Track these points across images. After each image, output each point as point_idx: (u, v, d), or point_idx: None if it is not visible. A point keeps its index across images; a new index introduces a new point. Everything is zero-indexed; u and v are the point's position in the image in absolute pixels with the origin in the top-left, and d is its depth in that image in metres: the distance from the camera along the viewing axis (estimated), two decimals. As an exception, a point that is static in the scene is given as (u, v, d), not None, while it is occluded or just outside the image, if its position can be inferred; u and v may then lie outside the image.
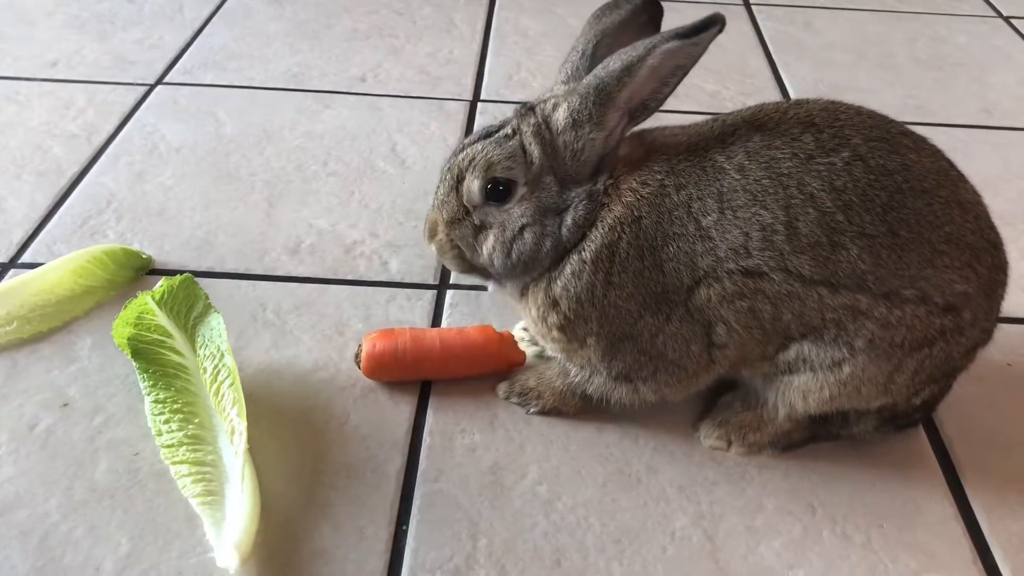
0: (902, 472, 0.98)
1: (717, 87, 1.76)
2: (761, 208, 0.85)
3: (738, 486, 0.96)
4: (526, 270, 0.93)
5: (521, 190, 0.90)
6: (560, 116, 0.88)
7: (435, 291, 1.21)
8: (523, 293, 0.95)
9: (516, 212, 0.90)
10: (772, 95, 1.74)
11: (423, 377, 1.06)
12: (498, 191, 0.90)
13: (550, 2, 2.11)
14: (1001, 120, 1.69)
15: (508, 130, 0.91)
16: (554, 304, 0.92)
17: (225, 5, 2.03)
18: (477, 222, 0.92)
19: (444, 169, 0.93)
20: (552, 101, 0.91)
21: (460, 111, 1.65)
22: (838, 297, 0.86)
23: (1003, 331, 1.07)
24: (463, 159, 0.91)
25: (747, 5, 2.15)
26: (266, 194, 1.40)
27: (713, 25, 0.82)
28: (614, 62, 0.85)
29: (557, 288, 0.91)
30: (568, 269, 0.90)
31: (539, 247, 0.90)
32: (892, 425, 0.99)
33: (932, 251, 0.85)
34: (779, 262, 0.85)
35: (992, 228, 0.91)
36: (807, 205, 0.85)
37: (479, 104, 1.67)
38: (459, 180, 0.91)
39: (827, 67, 1.87)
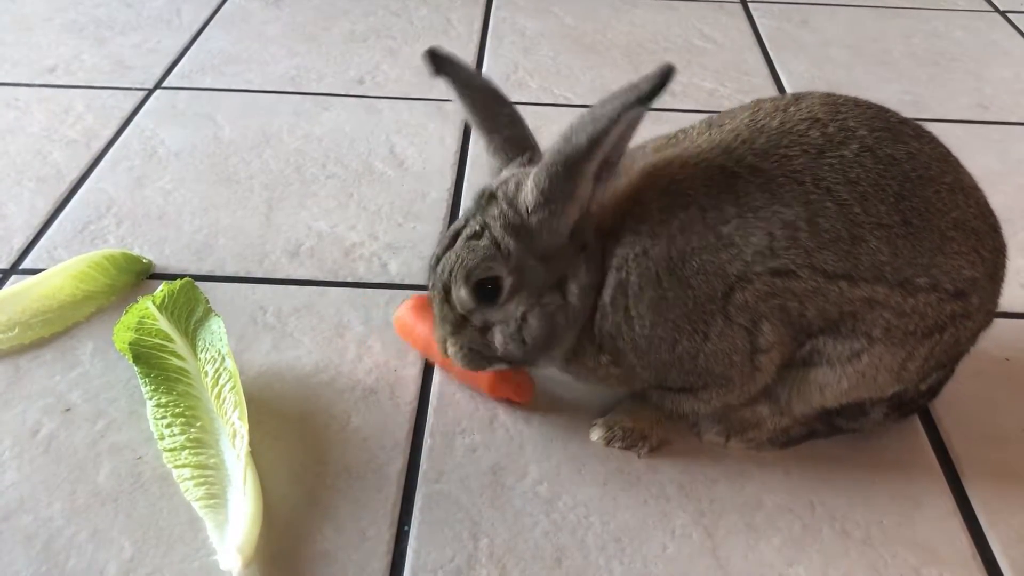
0: (901, 468, 0.98)
1: (715, 85, 1.76)
2: (780, 205, 0.85)
3: (737, 484, 0.96)
4: (548, 347, 0.92)
5: (507, 281, 0.88)
6: (529, 197, 0.86)
7: (434, 292, 1.22)
8: (568, 359, 0.95)
9: (511, 305, 0.89)
10: (769, 93, 1.73)
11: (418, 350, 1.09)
12: (487, 291, 0.89)
13: (547, 1, 2.11)
14: (998, 115, 1.70)
15: (476, 226, 0.88)
16: (599, 349, 0.92)
17: (223, 9, 2.03)
18: (479, 324, 0.91)
19: (430, 285, 0.92)
20: (514, 181, 0.89)
21: (458, 112, 1.65)
22: (857, 290, 0.86)
23: (1001, 326, 1.08)
24: (442, 271, 0.89)
25: (744, 3, 2.15)
26: (265, 197, 1.40)
27: (666, 80, 0.79)
28: (578, 135, 0.82)
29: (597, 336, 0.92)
30: (598, 316, 0.90)
31: (551, 324, 0.90)
32: (898, 412, 0.99)
33: (941, 238, 0.86)
34: (805, 259, 0.85)
35: (991, 212, 0.92)
36: (825, 199, 0.85)
37: (477, 105, 1.67)
38: (447, 292, 0.90)
39: (824, 64, 1.87)
